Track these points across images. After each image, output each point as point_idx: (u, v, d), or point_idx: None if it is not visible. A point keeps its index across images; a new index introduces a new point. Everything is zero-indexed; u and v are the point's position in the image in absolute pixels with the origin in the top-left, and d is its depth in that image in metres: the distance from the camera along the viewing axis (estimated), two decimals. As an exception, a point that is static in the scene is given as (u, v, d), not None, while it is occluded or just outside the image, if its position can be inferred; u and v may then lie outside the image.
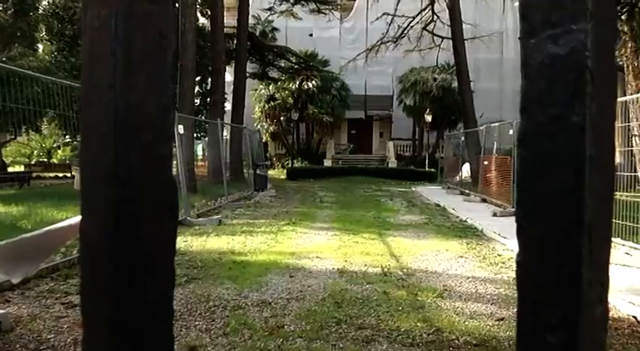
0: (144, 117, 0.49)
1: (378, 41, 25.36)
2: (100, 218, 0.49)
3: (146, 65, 0.49)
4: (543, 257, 0.49)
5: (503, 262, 7.43)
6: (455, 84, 25.29)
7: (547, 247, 0.48)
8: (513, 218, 0.53)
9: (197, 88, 23.50)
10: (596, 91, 0.47)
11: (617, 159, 8.52)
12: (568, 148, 0.48)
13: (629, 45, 15.44)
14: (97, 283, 0.48)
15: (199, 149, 25.69)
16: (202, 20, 25.27)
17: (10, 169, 23.45)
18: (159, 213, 0.50)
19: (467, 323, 4.83)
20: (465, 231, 10.36)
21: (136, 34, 0.49)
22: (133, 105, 0.49)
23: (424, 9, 24.22)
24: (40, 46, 25.55)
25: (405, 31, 24.47)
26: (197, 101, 23.73)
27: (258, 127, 30.51)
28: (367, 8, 29.01)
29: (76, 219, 0.94)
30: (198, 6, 20.57)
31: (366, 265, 7.16)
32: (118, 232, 0.48)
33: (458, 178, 20.91)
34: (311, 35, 34.95)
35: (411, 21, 24.34)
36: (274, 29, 31.94)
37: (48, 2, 23.74)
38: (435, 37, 24.23)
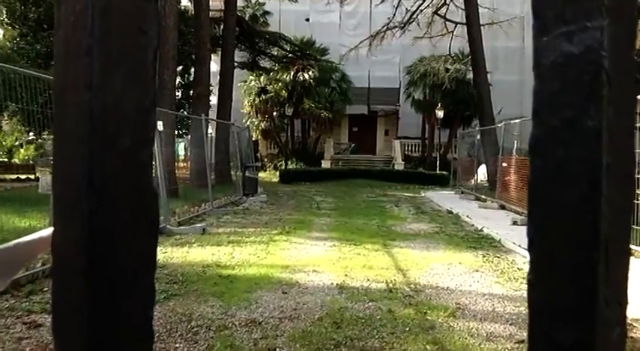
0: (122, 120, 0.51)
1: (383, 27, 25.47)
2: (73, 231, 0.51)
3: (125, 64, 0.51)
4: (556, 274, 0.51)
5: (524, 277, 7.46)
6: (470, 75, 25.38)
7: (560, 262, 0.50)
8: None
9: (178, 80, 23.56)
10: (613, 94, 0.49)
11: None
12: (583, 156, 0.50)
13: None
14: (71, 303, 0.50)
15: (181, 148, 25.74)
16: (185, 2, 25.34)
17: (-36, 171, 23.42)
18: (138, 226, 0.52)
19: (482, 346, 4.86)
20: (481, 241, 10.40)
21: (114, 30, 0.51)
22: (110, 107, 0.51)
23: (435, -10, 24.32)
24: (0, 31, 25.56)
25: (414, 16, 24.59)
26: (178, 94, 23.82)
27: (248, 123, 30.54)
28: (371, -11, 29.11)
29: (48, 231, 0.95)
30: (180, -14, 20.63)
31: (368, 279, 7.18)
32: (93, 247, 0.50)
33: (473, 181, 20.99)
34: (307, 20, 35.09)
35: (421, 4, 24.47)
36: (266, 13, 32.06)
37: (9, -19, 23.75)
38: (447, 23, 24.38)
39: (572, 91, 0.51)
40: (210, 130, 19.17)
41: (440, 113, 29.44)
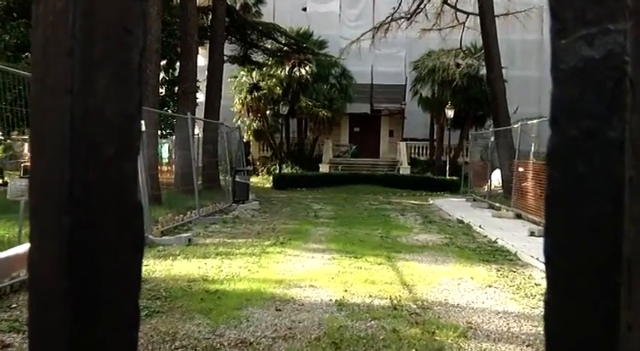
0: (105, 127, 0.52)
1: (387, 18, 25.50)
2: (51, 248, 0.51)
3: (109, 66, 0.52)
4: (575, 295, 0.52)
5: (542, 294, 7.46)
6: (483, 71, 25.39)
7: (579, 283, 0.51)
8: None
9: (162, 75, 23.48)
10: (636, 102, 0.50)
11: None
12: (604, 169, 0.51)
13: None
14: (49, 325, 0.51)
15: (165, 150, 25.66)
16: (170, -11, 25.33)
17: None
18: (122, 242, 0.53)
19: (496, 370, 4.86)
20: (495, 254, 10.41)
21: (98, 30, 0.52)
22: (93, 112, 0.52)
23: (445, -22, 24.38)
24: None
25: (422, 5, 24.63)
26: (162, 90, 23.71)
27: (239, 123, 30.48)
28: (374, -24, 29.16)
29: (24, 247, 0.95)
30: (164, -28, 20.63)
31: (371, 296, 7.18)
32: (73, 265, 0.51)
33: (486, 188, 21.00)
34: (304, 10, 35.13)
35: (429, -8, 24.50)
36: (259, 2, 32.02)
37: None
38: (458, 13, 24.42)
39: (592, 98, 0.52)
40: (196, 131, 19.14)
41: (450, 112, 29.40)
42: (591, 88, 0.52)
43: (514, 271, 8.94)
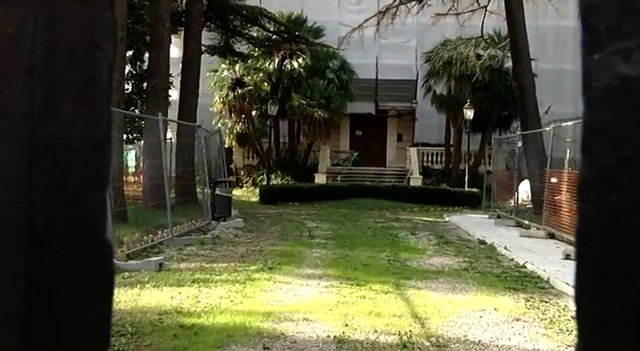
0: (70, 156, 0.53)
1: (395, 0, 25.53)
2: (6, 295, 0.52)
3: (73, 86, 0.54)
4: (611, 349, 0.53)
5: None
6: (508, 63, 25.42)
7: (617, 339, 0.52)
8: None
9: (128, 68, 23.43)
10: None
11: None
12: (643, 203, 0.52)
13: None
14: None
15: (131, 158, 25.59)
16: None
17: None
18: (89, 288, 0.54)
19: None
20: (523, 281, 10.42)
21: (61, 44, 0.53)
22: (56, 140, 0.53)
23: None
24: None
25: (436, -14, 24.65)
26: (128, 87, 23.66)
27: (219, 125, 30.42)
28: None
29: None
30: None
31: (376, 331, 7.17)
32: (32, 315, 0.52)
33: (512, 202, 20.99)
34: (297, -9, 35.12)
35: (445, -30, 24.54)
36: (244, -19, 32.06)
37: None
38: (479, -5, 24.46)
39: (629, 122, 0.53)
40: (169, 135, 19.10)
41: (469, 113, 29.28)
42: (628, 110, 0.53)
43: (546, 302, 8.94)
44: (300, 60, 30.94)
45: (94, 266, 0.54)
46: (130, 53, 22.63)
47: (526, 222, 18.24)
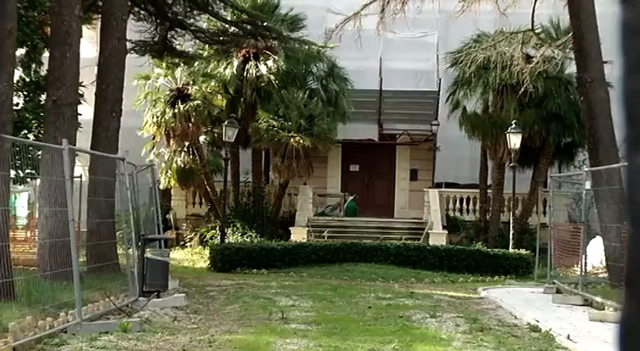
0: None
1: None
2: None
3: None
4: None
5: None
6: (571, 69, 21.99)
7: None
8: None
9: (19, 73, 19.28)
10: None
11: None
12: None
13: None
14: None
15: (21, 205, 22.69)
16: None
17: None
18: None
19: None
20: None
21: None
22: None
23: None
24: None
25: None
26: (18, 101, 19.23)
27: (152, 157, 26.10)
28: None
29: None
30: None
31: None
32: None
33: (579, 269, 17.48)
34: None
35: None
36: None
37: None
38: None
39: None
40: (78, 171, 17.17)
41: (515, 139, 24.03)
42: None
43: None
44: (269, 62, 25.98)
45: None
46: (21, 52, 18.77)
47: (599, 299, 15.01)
